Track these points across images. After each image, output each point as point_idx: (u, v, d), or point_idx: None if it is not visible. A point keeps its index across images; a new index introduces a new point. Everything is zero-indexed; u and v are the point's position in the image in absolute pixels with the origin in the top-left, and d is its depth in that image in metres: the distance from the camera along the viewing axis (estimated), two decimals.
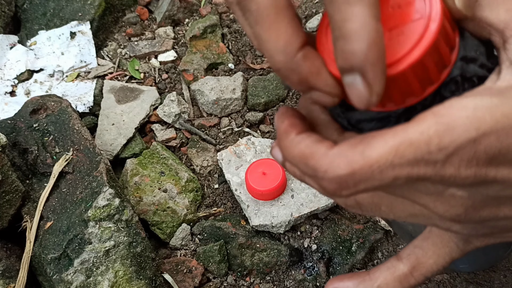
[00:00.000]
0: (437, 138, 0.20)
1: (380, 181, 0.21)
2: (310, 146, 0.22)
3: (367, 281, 0.29)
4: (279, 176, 0.85)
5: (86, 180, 0.82)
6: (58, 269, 0.76)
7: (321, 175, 0.22)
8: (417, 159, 0.20)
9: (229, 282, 0.85)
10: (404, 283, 0.28)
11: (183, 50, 1.13)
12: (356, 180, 0.21)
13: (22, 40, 1.15)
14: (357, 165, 0.21)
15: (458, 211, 0.23)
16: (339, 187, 0.21)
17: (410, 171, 0.20)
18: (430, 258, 0.28)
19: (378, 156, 0.20)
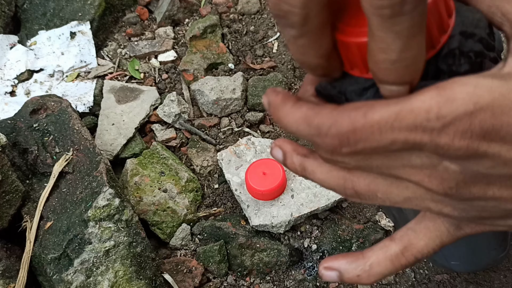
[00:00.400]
0: (437, 108, 0.21)
1: (378, 142, 0.23)
2: (312, 107, 0.24)
3: (360, 259, 0.30)
4: (279, 176, 0.85)
5: (86, 180, 0.82)
6: (58, 269, 0.76)
7: (324, 132, 0.23)
8: (416, 125, 0.22)
9: (229, 282, 0.85)
10: (395, 263, 0.30)
11: (183, 50, 1.13)
12: (356, 138, 0.23)
13: (22, 40, 1.15)
14: (359, 124, 0.22)
15: (450, 184, 0.24)
16: (340, 144, 0.23)
17: (408, 135, 0.22)
18: (421, 240, 0.29)
19: (379, 118, 0.22)
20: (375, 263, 0.30)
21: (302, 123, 0.24)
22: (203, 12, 1.18)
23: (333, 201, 0.85)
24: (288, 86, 1.05)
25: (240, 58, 1.11)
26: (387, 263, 0.30)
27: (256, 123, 1.02)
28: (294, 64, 1.07)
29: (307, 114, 0.24)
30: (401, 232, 0.30)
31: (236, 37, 1.14)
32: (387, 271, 0.30)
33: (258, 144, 0.94)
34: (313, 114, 0.24)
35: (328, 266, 0.31)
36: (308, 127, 0.24)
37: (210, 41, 1.12)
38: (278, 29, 0.29)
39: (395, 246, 0.30)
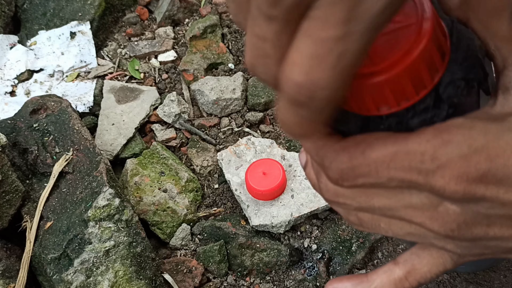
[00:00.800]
0: (432, 150, 0.22)
1: (376, 179, 0.23)
2: (321, 138, 0.25)
3: (365, 282, 0.31)
4: (279, 176, 0.85)
5: (86, 180, 0.82)
6: (58, 269, 0.76)
7: (327, 165, 0.24)
8: (411, 167, 0.22)
9: (229, 282, 0.85)
10: (398, 286, 0.30)
11: (183, 50, 1.13)
12: (355, 174, 0.23)
13: (22, 40, 1.15)
14: (357, 161, 0.23)
15: (451, 226, 0.24)
16: (341, 178, 0.24)
17: (404, 175, 0.22)
18: (424, 266, 0.30)
19: (376, 158, 0.23)
20: (379, 287, 0.30)
21: (312, 150, 0.25)
22: (203, 12, 1.18)
23: None
24: None
25: (240, 58, 1.11)
26: (391, 286, 0.30)
27: (256, 123, 1.02)
28: None
29: (316, 144, 0.25)
30: (405, 256, 0.30)
31: (236, 37, 1.14)
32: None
33: (258, 144, 0.94)
34: (321, 145, 0.25)
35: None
36: (316, 156, 0.25)
37: (210, 41, 1.12)
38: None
39: (399, 270, 0.30)
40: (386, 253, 0.87)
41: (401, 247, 0.87)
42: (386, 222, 0.27)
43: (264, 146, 0.93)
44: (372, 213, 0.27)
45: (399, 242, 0.87)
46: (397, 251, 0.87)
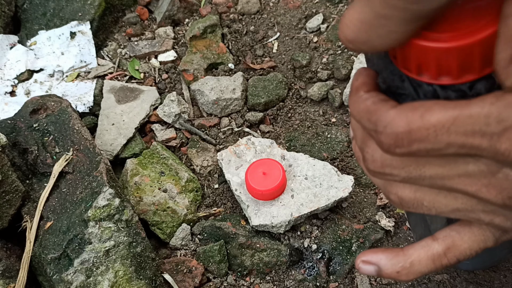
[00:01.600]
0: (497, 112, 0.21)
1: (433, 144, 0.22)
2: (376, 102, 0.24)
3: (401, 256, 0.30)
4: (279, 176, 0.85)
5: (86, 180, 0.82)
6: (58, 269, 0.76)
7: (380, 129, 0.23)
8: (475, 130, 0.21)
9: (229, 282, 0.85)
10: (436, 262, 0.30)
11: (183, 50, 1.13)
12: (411, 138, 0.22)
13: (22, 40, 1.15)
14: (415, 125, 0.22)
15: (510, 193, 0.23)
16: (394, 143, 0.23)
17: (465, 140, 0.22)
18: (465, 243, 0.29)
19: (436, 121, 0.22)
20: (416, 261, 0.30)
21: (364, 115, 0.24)
22: (203, 12, 1.18)
23: (333, 201, 0.85)
24: (288, 86, 1.05)
25: (240, 58, 1.11)
26: (429, 262, 0.29)
27: (256, 123, 1.02)
28: (294, 64, 1.07)
29: (369, 108, 0.24)
30: (444, 232, 0.30)
31: (236, 37, 1.14)
32: (427, 270, 0.30)
33: (258, 144, 0.94)
34: (374, 110, 0.24)
35: (367, 260, 0.31)
36: (368, 121, 0.24)
37: (210, 41, 1.12)
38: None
39: (438, 245, 0.29)
40: None
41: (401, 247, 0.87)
42: (431, 198, 0.26)
43: (264, 146, 0.94)
44: (420, 184, 0.25)
45: (399, 242, 0.87)
46: None
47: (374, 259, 0.31)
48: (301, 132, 1.00)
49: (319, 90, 1.03)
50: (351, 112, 0.26)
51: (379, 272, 0.30)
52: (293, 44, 1.11)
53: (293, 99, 1.04)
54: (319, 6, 1.16)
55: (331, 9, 1.15)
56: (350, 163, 0.95)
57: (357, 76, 0.26)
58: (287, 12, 1.16)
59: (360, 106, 0.25)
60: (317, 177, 0.88)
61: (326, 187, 0.87)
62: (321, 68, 1.06)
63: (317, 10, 1.15)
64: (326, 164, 0.90)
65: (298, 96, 1.05)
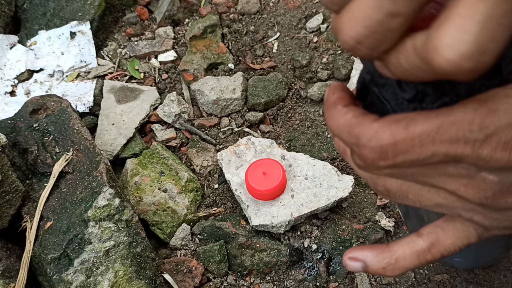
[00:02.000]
0: (479, 119, 0.21)
1: (418, 155, 0.22)
2: (357, 116, 0.24)
3: (386, 252, 0.31)
4: (279, 176, 0.85)
5: (86, 180, 0.82)
6: (58, 269, 0.76)
7: (363, 143, 0.23)
8: (458, 137, 0.22)
9: (229, 282, 0.85)
10: (421, 258, 0.30)
11: (183, 50, 1.13)
12: (396, 151, 0.22)
13: (22, 40, 1.15)
14: (400, 137, 0.22)
15: (486, 194, 0.24)
16: (379, 157, 0.23)
17: (449, 148, 0.22)
18: (449, 239, 0.30)
19: (420, 131, 0.22)
20: (401, 257, 0.30)
21: (344, 129, 0.24)
22: (203, 12, 1.18)
23: (333, 201, 0.85)
24: (288, 86, 1.05)
25: (240, 58, 1.11)
26: (413, 258, 0.30)
27: (256, 123, 1.02)
28: (294, 64, 1.07)
29: (350, 122, 0.24)
30: (429, 228, 0.30)
31: (236, 37, 1.14)
32: (412, 266, 0.30)
33: (258, 144, 0.94)
34: (356, 123, 0.24)
35: (353, 257, 0.31)
36: (349, 136, 0.24)
37: (210, 41, 1.12)
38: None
39: (422, 242, 0.30)
40: None
41: None
42: (415, 192, 0.27)
43: (264, 146, 0.93)
44: (403, 178, 0.26)
45: None
46: None
47: (361, 255, 0.31)
48: (301, 132, 1.00)
49: (319, 90, 1.03)
50: (329, 127, 0.26)
51: (365, 268, 0.31)
52: (293, 44, 1.11)
53: (293, 99, 1.04)
54: (319, 6, 1.16)
55: None
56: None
57: (332, 90, 0.26)
58: (287, 12, 1.16)
59: (340, 120, 0.25)
60: (317, 177, 0.88)
61: (326, 187, 0.87)
62: (321, 68, 1.06)
63: (317, 10, 1.15)
64: (326, 164, 0.90)
65: (298, 96, 1.05)
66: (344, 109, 0.25)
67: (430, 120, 0.22)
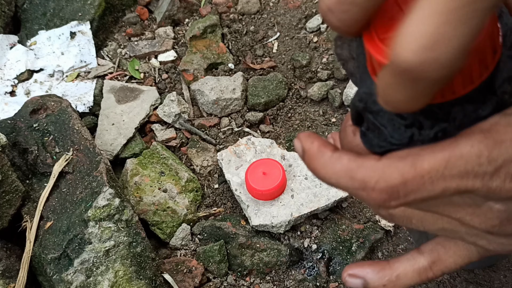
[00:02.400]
0: (487, 151, 0.21)
1: (429, 192, 0.21)
2: (354, 160, 0.23)
3: (387, 270, 0.30)
4: (279, 176, 0.85)
5: (86, 180, 0.82)
6: (58, 269, 0.76)
7: (371, 186, 0.22)
8: (468, 171, 0.21)
9: (229, 282, 0.85)
10: (422, 275, 0.30)
11: (183, 50, 1.13)
12: (407, 190, 0.21)
13: (22, 40, 1.15)
14: (409, 175, 0.21)
15: (493, 222, 0.24)
16: (389, 198, 0.22)
17: (459, 183, 0.21)
18: (450, 257, 0.29)
19: (429, 167, 0.21)
20: (402, 275, 0.30)
21: (343, 176, 0.23)
22: (203, 12, 1.18)
23: (333, 201, 0.85)
24: (288, 86, 1.05)
25: (240, 58, 1.11)
26: (414, 275, 0.30)
27: (256, 123, 1.02)
28: (294, 64, 1.07)
29: (349, 167, 0.22)
30: (430, 245, 0.30)
31: (236, 37, 1.14)
32: (413, 283, 0.30)
33: (258, 144, 0.94)
34: (356, 167, 0.22)
35: (353, 274, 0.31)
36: (351, 181, 0.23)
37: (210, 41, 1.12)
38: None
39: (424, 259, 0.30)
40: (386, 253, 0.87)
41: (401, 247, 0.87)
42: (419, 217, 0.26)
43: (264, 146, 0.93)
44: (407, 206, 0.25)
45: (399, 242, 0.87)
46: (397, 251, 0.87)
47: (361, 272, 0.31)
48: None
49: (319, 90, 1.03)
50: (323, 176, 0.24)
51: (365, 286, 0.31)
52: (293, 44, 1.11)
53: (293, 99, 1.04)
54: None
55: None
56: None
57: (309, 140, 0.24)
58: (287, 12, 1.16)
59: (336, 167, 0.23)
60: None
61: (326, 187, 0.87)
62: (321, 68, 1.06)
63: (317, 10, 1.15)
64: None
65: (298, 96, 1.05)
66: (335, 154, 0.23)
67: (437, 155, 0.21)
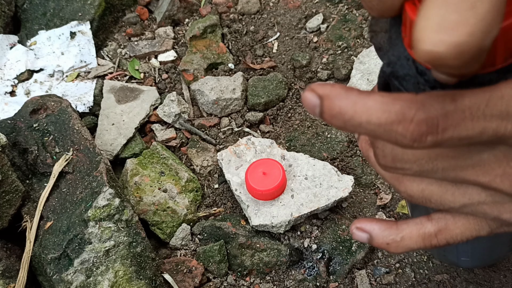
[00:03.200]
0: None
1: (468, 131, 0.20)
2: (388, 94, 0.21)
3: (393, 229, 0.30)
4: (279, 176, 0.85)
5: (86, 180, 0.82)
6: (58, 269, 0.76)
7: (410, 116, 0.20)
8: (509, 112, 0.20)
9: (229, 282, 0.85)
10: (426, 241, 0.30)
11: (183, 50, 1.13)
12: (447, 123, 0.20)
13: (22, 40, 1.15)
14: (450, 108, 0.20)
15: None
16: (427, 130, 0.20)
17: (499, 124, 0.20)
18: (458, 228, 0.29)
19: (470, 103, 0.20)
20: (407, 237, 0.30)
21: (377, 110, 0.21)
22: (203, 12, 1.18)
23: (333, 201, 0.85)
24: (288, 86, 1.05)
25: (240, 58, 1.11)
26: (419, 239, 0.30)
27: (256, 123, 1.02)
28: (294, 64, 1.07)
29: (383, 100, 0.21)
30: (440, 214, 0.30)
31: (236, 37, 1.14)
32: (416, 247, 0.30)
33: (258, 144, 0.94)
34: (392, 99, 0.21)
35: (361, 227, 0.31)
36: (386, 114, 0.21)
37: (210, 41, 1.12)
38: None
39: (431, 225, 0.30)
40: (386, 253, 0.87)
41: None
42: (438, 195, 0.26)
43: (264, 146, 0.94)
44: (432, 177, 0.24)
45: None
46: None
47: (368, 227, 0.31)
48: (301, 132, 1.00)
49: None
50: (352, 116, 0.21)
51: (370, 240, 0.31)
52: (293, 44, 1.11)
53: (293, 99, 1.04)
54: (319, 6, 1.16)
55: (331, 9, 1.15)
56: (350, 163, 0.95)
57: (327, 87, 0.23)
58: (287, 12, 1.16)
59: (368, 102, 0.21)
60: (317, 177, 0.88)
61: (326, 187, 0.87)
62: (321, 68, 1.06)
63: (317, 10, 1.15)
64: (326, 164, 0.90)
65: (298, 96, 1.05)
66: (364, 92, 0.22)
67: (477, 94, 0.20)
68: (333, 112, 0.22)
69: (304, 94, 0.23)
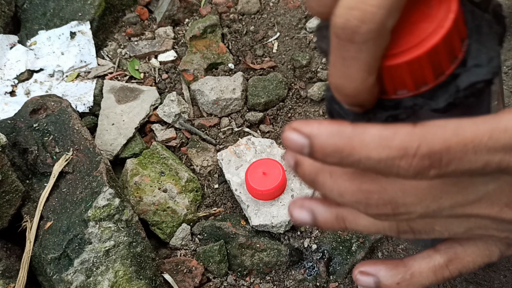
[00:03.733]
0: None
1: (471, 164, 0.20)
2: (385, 128, 0.21)
3: (401, 267, 0.29)
4: (279, 176, 0.85)
5: (86, 180, 0.82)
6: (58, 269, 0.76)
7: (412, 152, 0.20)
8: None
9: (229, 282, 0.85)
10: (438, 274, 0.28)
11: (183, 50, 1.13)
12: (450, 158, 0.20)
13: (22, 40, 1.15)
14: (452, 142, 0.20)
15: None
16: (430, 165, 0.20)
17: (503, 157, 0.20)
18: (468, 256, 0.28)
19: (472, 136, 0.20)
20: (417, 273, 0.28)
21: (377, 146, 0.20)
22: (203, 12, 1.18)
23: None
24: (288, 86, 1.05)
25: (240, 58, 1.11)
26: (430, 274, 0.28)
27: (256, 123, 1.02)
28: (294, 64, 1.07)
29: (382, 135, 0.20)
30: (447, 244, 0.28)
31: (236, 37, 1.14)
32: (428, 282, 0.29)
33: (258, 144, 0.94)
34: (391, 134, 0.20)
35: (365, 271, 0.30)
36: (387, 150, 0.20)
37: (210, 41, 1.12)
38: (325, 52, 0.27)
39: (440, 257, 0.28)
40: (386, 253, 0.87)
41: (401, 247, 0.87)
42: (443, 223, 0.25)
43: (264, 146, 0.94)
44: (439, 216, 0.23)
45: (399, 242, 0.87)
46: (397, 251, 0.87)
47: (373, 270, 0.29)
48: None
49: (319, 90, 1.03)
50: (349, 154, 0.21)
51: (377, 284, 0.29)
52: (293, 44, 1.11)
53: (293, 99, 1.04)
54: None
55: None
56: None
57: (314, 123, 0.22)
58: (287, 12, 1.16)
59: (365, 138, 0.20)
60: None
61: None
62: (321, 68, 1.06)
63: None
64: None
65: (298, 96, 1.05)
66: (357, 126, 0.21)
67: (479, 126, 0.20)
68: (326, 151, 0.21)
69: (286, 134, 0.22)
